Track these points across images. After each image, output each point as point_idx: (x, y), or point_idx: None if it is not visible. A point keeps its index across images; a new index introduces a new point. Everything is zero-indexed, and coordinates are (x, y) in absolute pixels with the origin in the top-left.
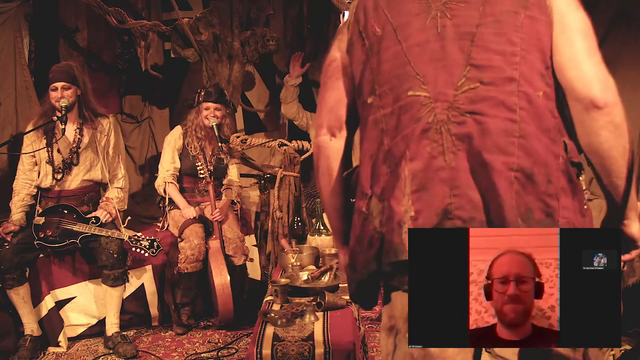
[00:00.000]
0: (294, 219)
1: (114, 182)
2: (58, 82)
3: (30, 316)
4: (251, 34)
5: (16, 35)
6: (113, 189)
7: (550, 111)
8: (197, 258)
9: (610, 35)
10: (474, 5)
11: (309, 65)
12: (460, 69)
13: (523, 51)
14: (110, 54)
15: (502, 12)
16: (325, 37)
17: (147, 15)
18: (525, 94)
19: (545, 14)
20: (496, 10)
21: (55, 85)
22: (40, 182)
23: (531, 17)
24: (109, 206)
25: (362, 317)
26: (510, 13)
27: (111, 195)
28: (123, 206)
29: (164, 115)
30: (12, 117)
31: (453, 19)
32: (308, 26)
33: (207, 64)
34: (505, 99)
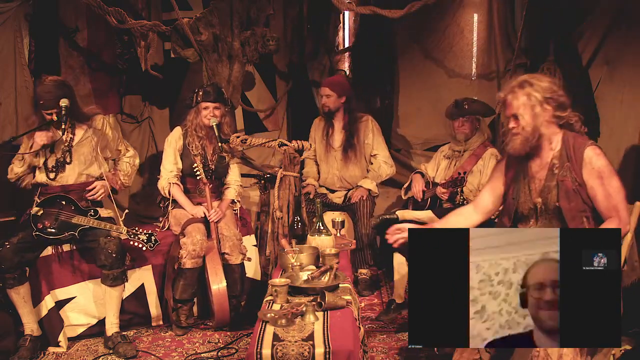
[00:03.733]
0: (294, 219)
1: (125, 157)
2: (51, 110)
3: (30, 316)
4: (251, 34)
5: (16, 35)
6: (123, 162)
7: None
8: (198, 254)
9: (610, 35)
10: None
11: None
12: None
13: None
14: (110, 54)
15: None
16: (325, 37)
17: (147, 15)
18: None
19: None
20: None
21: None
22: (36, 179)
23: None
24: (114, 179)
25: (362, 317)
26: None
27: (120, 167)
28: (128, 182)
29: (164, 115)
30: (12, 117)
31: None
32: (308, 26)
33: (207, 64)
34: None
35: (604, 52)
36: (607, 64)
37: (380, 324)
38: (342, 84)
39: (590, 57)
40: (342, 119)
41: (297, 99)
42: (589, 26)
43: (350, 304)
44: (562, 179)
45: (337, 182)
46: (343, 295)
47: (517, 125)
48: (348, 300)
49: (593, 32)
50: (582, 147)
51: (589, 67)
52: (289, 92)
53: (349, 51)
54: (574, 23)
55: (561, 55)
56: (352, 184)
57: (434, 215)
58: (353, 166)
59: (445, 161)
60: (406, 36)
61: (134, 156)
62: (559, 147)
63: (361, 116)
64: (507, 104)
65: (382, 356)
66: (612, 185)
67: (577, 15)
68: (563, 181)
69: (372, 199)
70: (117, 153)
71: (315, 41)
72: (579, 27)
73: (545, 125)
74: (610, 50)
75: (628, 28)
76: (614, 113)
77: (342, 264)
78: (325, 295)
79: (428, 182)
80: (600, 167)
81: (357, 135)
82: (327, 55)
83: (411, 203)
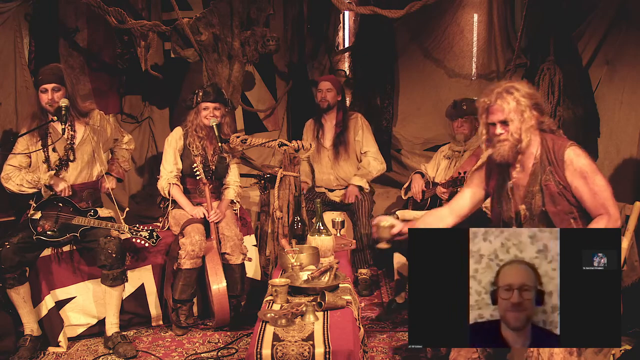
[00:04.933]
0: (294, 219)
1: (121, 144)
2: (48, 84)
3: (30, 316)
4: (251, 34)
5: (16, 35)
6: (120, 149)
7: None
8: (197, 254)
9: (610, 35)
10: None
11: (309, 65)
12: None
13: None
14: (110, 54)
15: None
16: (325, 37)
17: (147, 15)
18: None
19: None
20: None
21: (45, 87)
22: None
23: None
24: (113, 167)
25: (362, 317)
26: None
27: (118, 154)
28: (128, 166)
29: (164, 115)
30: (12, 117)
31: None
32: (308, 26)
33: (207, 64)
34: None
35: (604, 52)
36: (607, 64)
37: (380, 324)
38: (339, 82)
39: (590, 57)
40: (334, 116)
41: (297, 99)
42: (589, 26)
43: (350, 304)
44: (545, 184)
45: (334, 182)
46: (343, 295)
47: (506, 131)
48: (348, 300)
49: (593, 32)
50: (562, 148)
51: (589, 67)
52: (289, 92)
53: (349, 51)
54: (574, 23)
55: (561, 55)
56: (348, 180)
57: None
58: (345, 163)
59: (445, 161)
60: (406, 36)
61: (129, 142)
62: (539, 151)
63: (351, 114)
64: (495, 110)
65: (382, 356)
66: (596, 183)
67: (577, 15)
68: (547, 185)
69: (371, 199)
70: (113, 143)
71: (315, 41)
72: (579, 27)
73: (531, 131)
74: (610, 50)
75: (628, 28)
76: (614, 113)
77: (342, 264)
78: (325, 295)
79: (428, 182)
80: (582, 167)
81: (347, 132)
82: (327, 55)
83: (411, 203)
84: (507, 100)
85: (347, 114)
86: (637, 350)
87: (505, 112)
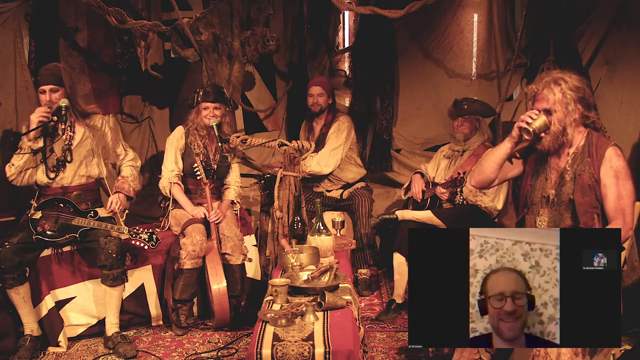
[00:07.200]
0: (294, 219)
1: (126, 160)
2: (46, 86)
3: (30, 316)
4: (251, 34)
5: (16, 35)
6: (126, 166)
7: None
8: (197, 254)
9: (610, 35)
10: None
11: (309, 65)
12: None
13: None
14: (110, 54)
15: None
16: (325, 37)
17: (147, 15)
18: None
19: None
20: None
21: (43, 88)
22: (37, 179)
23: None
24: (124, 186)
25: (362, 317)
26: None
27: (125, 173)
28: (137, 185)
29: (164, 115)
30: (12, 117)
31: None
32: (308, 26)
33: (207, 64)
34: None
35: (604, 52)
36: (607, 64)
37: (380, 324)
38: (330, 84)
39: (590, 57)
40: (324, 118)
41: (297, 99)
42: (589, 26)
43: (350, 304)
44: (580, 173)
45: (327, 182)
46: (343, 295)
47: (549, 120)
48: (348, 300)
49: (593, 32)
50: (605, 145)
51: (589, 67)
52: (289, 92)
53: (349, 51)
54: (574, 23)
55: (561, 55)
56: (341, 178)
57: (434, 216)
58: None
59: (445, 161)
60: (406, 36)
61: (135, 159)
62: (582, 142)
63: (339, 116)
64: (541, 98)
65: (382, 356)
66: (625, 187)
67: (577, 15)
68: (580, 175)
69: (371, 198)
70: (115, 156)
71: (315, 41)
72: (579, 27)
73: (574, 124)
74: (610, 50)
75: (628, 28)
76: (614, 113)
77: (342, 264)
78: (325, 295)
79: (428, 182)
80: (618, 167)
81: (328, 131)
82: (327, 55)
83: (411, 203)
84: (553, 91)
85: (336, 115)
86: (637, 350)
87: (550, 102)
